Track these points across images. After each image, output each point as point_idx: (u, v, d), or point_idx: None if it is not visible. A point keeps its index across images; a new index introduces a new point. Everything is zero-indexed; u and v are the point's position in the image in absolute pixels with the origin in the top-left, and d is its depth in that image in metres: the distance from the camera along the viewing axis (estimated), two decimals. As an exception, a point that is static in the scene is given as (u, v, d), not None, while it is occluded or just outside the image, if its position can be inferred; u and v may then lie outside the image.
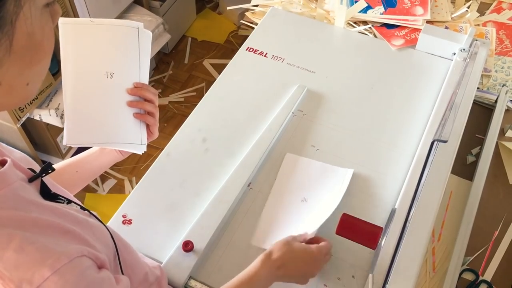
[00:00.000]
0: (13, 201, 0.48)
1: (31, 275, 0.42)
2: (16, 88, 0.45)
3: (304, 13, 1.31)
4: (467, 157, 1.07)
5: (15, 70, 0.43)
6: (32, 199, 0.50)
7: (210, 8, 2.85)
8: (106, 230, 0.59)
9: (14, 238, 0.44)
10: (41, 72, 0.48)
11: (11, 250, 0.43)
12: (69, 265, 0.44)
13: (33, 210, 0.49)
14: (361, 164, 0.96)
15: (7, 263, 0.42)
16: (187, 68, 2.54)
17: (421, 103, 1.06)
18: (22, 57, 0.43)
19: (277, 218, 0.87)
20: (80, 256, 0.47)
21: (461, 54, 1.10)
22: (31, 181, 0.53)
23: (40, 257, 0.43)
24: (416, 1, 1.27)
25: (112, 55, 0.73)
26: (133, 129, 0.78)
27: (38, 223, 0.47)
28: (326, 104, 1.07)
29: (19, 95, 0.46)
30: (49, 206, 0.52)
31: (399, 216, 0.79)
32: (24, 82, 0.45)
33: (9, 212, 0.46)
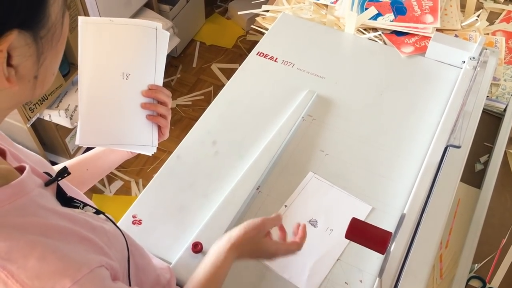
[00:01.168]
0: (33, 208, 0.48)
1: (52, 285, 0.42)
2: (47, 78, 0.47)
3: (314, 19, 1.32)
4: (475, 165, 1.07)
5: (50, 62, 0.46)
6: (50, 206, 0.50)
7: (219, 13, 2.87)
8: (121, 235, 0.59)
9: (37, 245, 0.44)
10: (59, 60, 0.49)
11: (34, 258, 0.43)
12: (89, 276, 0.45)
13: (51, 218, 0.49)
14: (369, 169, 0.96)
15: (30, 272, 0.42)
16: (195, 72, 2.55)
17: (430, 110, 1.06)
18: (57, 50, 0.46)
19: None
20: (99, 267, 0.47)
21: (471, 63, 1.11)
22: (47, 185, 0.53)
23: (62, 267, 0.44)
24: (426, 9, 1.27)
25: (129, 55, 0.73)
26: (145, 131, 0.79)
27: (58, 230, 0.48)
28: (335, 110, 1.07)
29: (46, 86, 0.48)
30: (66, 213, 0.52)
31: (408, 221, 0.79)
32: (52, 72, 0.48)
33: (30, 219, 0.46)
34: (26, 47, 0.42)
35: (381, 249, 0.72)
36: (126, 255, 0.59)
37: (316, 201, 0.91)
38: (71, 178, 0.65)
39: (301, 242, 0.78)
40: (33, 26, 0.41)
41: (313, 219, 0.89)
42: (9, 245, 0.43)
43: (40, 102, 1.74)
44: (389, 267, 0.75)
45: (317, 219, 0.89)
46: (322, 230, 0.87)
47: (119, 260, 0.54)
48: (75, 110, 1.85)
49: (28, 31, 0.41)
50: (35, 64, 0.44)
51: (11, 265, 0.42)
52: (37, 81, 0.46)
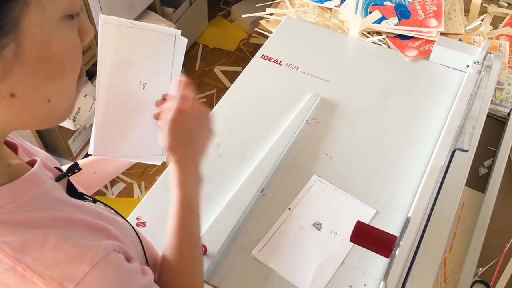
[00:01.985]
0: (47, 201, 0.48)
1: (72, 272, 0.43)
2: (35, 103, 0.42)
3: (318, 22, 1.32)
4: (479, 169, 1.07)
5: (31, 82, 0.41)
6: (63, 198, 0.51)
7: (222, 16, 2.87)
8: (132, 230, 0.59)
9: (49, 236, 0.44)
10: (65, 89, 0.44)
11: (48, 249, 0.43)
12: (106, 259, 0.45)
13: (65, 209, 0.49)
14: (373, 172, 0.96)
15: (46, 262, 0.43)
16: (197, 74, 2.56)
17: (434, 114, 1.06)
18: (37, 68, 0.40)
19: (284, 236, 0.87)
20: (114, 250, 0.47)
21: (475, 67, 1.11)
22: (58, 180, 0.53)
23: (78, 253, 0.44)
24: (430, 13, 1.28)
25: (147, 63, 0.70)
26: (157, 141, 0.76)
27: (71, 221, 0.48)
28: (339, 113, 1.07)
29: (40, 112, 0.44)
30: (79, 204, 0.52)
31: (413, 225, 0.79)
32: (44, 97, 0.43)
33: (44, 213, 0.46)
34: None
35: (386, 253, 0.72)
36: (141, 249, 0.59)
37: (320, 204, 0.91)
38: (78, 181, 0.65)
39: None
40: None
41: (317, 222, 0.89)
42: (22, 239, 0.43)
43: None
44: (394, 271, 0.75)
45: (321, 222, 0.89)
46: (326, 234, 0.87)
47: (132, 251, 0.54)
48: (78, 112, 1.86)
49: None
50: (2, 78, 0.39)
51: (26, 258, 0.42)
52: (18, 101, 0.41)
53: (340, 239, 0.86)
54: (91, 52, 1.88)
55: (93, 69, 1.97)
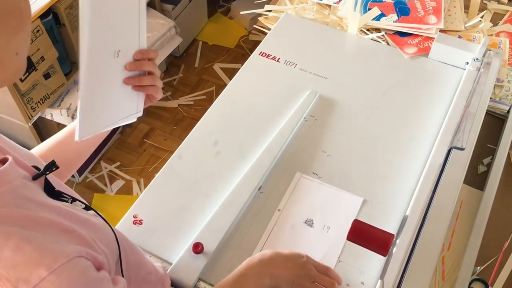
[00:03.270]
0: (12, 198, 0.47)
1: (28, 274, 0.42)
2: (7, 59, 0.44)
3: (317, 19, 1.31)
4: (478, 167, 1.07)
5: (2, 39, 0.42)
6: (33, 197, 0.50)
7: (221, 13, 2.86)
8: (110, 231, 0.58)
9: (12, 236, 0.43)
10: (26, 38, 0.46)
11: (8, 249, 0.43)
12: (66, 265, 0.44)
13: (33, 208, 0.48)
14: (371, 170, 0.96)
15: (4, 262, 0.42)
16: (197, 71, 2.55)
17: (433, 112, 1.06)
18: (6, 24, 0.42)
19: (278, 238, 0.87)
20: (78, 257, 0.46)
21: (474, 64, 1.10)
22: (35, 179, 0.52)
23: (38, 257, 0.43)
24: (429, 10, 1.27)
25: (118, 28, 0.66)
26: (132, 101, 0.74)
27: (37, 221, 0.47)
28: (337, 110, 1.07)
29: (12, 67, 0.45)
30: (50, 204, 0.51)
31: (410, 223, 0.79)
32: (14, 51, 0.44)
33: (8, 209, 0.46)
34: None
35: (383, 252, 0.72)
36: (117, 250, 0.58)
37: (308, 201, 0.91)
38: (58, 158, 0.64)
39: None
40: None
41: (308, 219, 0.89)
42: None
43: (42, 101, 1.74)
44: (391, 269, 0.75)
45: (312, 219, 0.88)
46: (319, 229, 0.87)
47: (106, 254, 0.53)
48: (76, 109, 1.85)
49: None
50: None
51: None
52: None
53: (334, 233, 0.86)
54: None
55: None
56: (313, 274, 0.75)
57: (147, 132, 2.30)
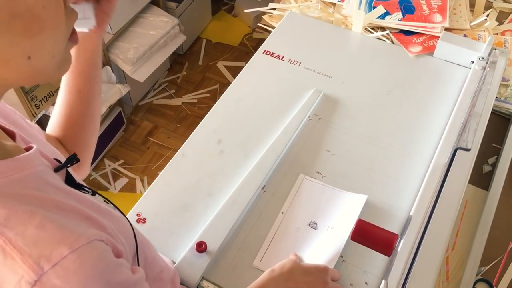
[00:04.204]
0: (36, 182, 0.48)
1: (50, 252, 0.42)
2: (14, 61, 0.43)
3: (321, 17, 1.31)
4: (483, 166, 1.06)
5: (6, 39, 0.41)
6: (56, 183, 0.51)
7: (225, 11, 2.86)
8: (128, 224, 0.59)
9: (35, 215, 0.44)
10: (44, 45, 0.44)
11: (32, 226, 0.43)
12: (87, 246, 0.44)
13: (56, 194, 0.49)
14: (375, 170, 0.95)
15: (27, 239, 0.42)
16: (201, 69, 2.55)
17: (438, 111, 1.05)
18: (11, 25, 0.40)
19: (282, 241, 0.86)
20: (99, 240, 0.47)
21: (480, 63, 1.09)
22: (57, 171, 0.53)
23: (60, 236, 0.44)
24: (435, 8, 1.26)
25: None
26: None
27: (59, 206, 0.48)
28: (342, 109, 1.06)
29: (20, 70, 0.44)
30: (73, 192, 0.52)
31: (414, 223, 0.78)
32: (23, 54, 0.43)
33: (31, 191, 0.46)
34: None
35: (387, 252, 0.71)
36: (134, 245, 0.59)
37: (312, 203, 0.90)
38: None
39: None
40: None
41: (312, 221, 0.88)
42: (7, 213, 0.43)
43: (46, 99, 1.74)
44: (395, 269, 0.74)
45: (316, 221, 0.88)
46: (323, 230, 0.87)
47: (125, 246, 0.54)
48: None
49: None
50: None
51: (9, 232, 0.42)
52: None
53: (338, 232, 0.85)
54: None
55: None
56: (331, 287, 0.76)
57: (150, 130, 2.30)
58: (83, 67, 0.73)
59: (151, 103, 2.41)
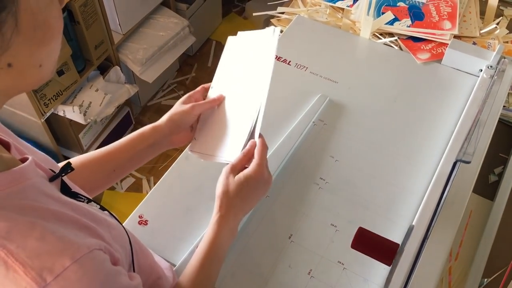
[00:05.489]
0: (33, 194, 0.48)
1: (52, 264, 0.43)
2: (29, 70, 0.45)
3: (329, 22, 1.30)
4: (489, 176, 1.05)
5: (26, 51, 0.43)
6: (52, 194, 0.51)
7: (236, 13, 2.86)
8: (124, 232, 0.59)
9: (35, 226, 0.44)
10: (52, 52, 0.47)
11: (33, 238, 0.43)
12: (88, 256, 0.45)
13: (53, 204, 0.49)
14: (379, 177, 0.95)
15: (29, 251, 0.43)
16: (210, 71, 2.55)
17: (445, 119, 1.04)
18: (32, 36, 0.43)
19: (216, 117, 0.86)
20: (98, 249, 0.47)
21: (488, 71, 1.08)
22: (52, 181, 0.53)
23: (61, 246, 0.44)
24: (444, 15, 1.25)
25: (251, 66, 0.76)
26: (237, 149, 0.80)
27: (58, 216, 0.48)
28: (347, 115, 1.06)
29: (33, 77, 0.46)
30: (68, 202, 0.52)
31: (416, 233, 0.78)
32: (36, 63, 0.45)
33: (30, 203, 0.47)
34: None
35: (387, 261, 0.71)
36: (129, 252, 0.59)
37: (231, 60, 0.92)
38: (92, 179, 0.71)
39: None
40: None
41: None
42: (8, 225, 0.43)
43: (54, 98, 1.75)
44: (396, 278, 0.74)
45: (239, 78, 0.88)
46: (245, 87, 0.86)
47: (121, 254, 0.54)
48: (89, 106, 1.87)
49: None
50: (0, 49, 0.41)
51: (10, 245, 0.42)
52: (13, 70, 0.43)
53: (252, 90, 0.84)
54: (104, 47, 1.89)
55: (105, 63, 1.98)
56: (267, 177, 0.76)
57: (158, 130, 2.31)
58: (141, 152, 0.83)
59: (160, 103, 2.42)
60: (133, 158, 0.82)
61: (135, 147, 0.81)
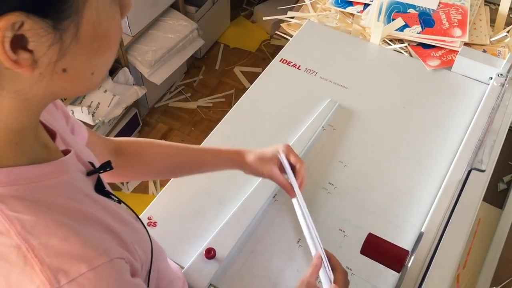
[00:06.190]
0: (68, 190, 0.49)
1: (69, 267, 0.42)
2: (82, 76, 0.46)
3: (339, 27, 1.31)
4: (498, 184, 1.05)
5: (82, 58, 0.44)
6: (87, 192, 0.51)
7: (244, 16, 2.87)
8: (147, 237, 0.59)
9: (62, 225, 0.44)
10: (106, 62, 0.48)
11: (56, 237, 0.43)
12: (107, 265, 0.44)
13: (86, 203, 0.50)
14: (388, 183, 0.95)
15: (50, 250, 0.43)
16: (217, 74, 2.56)
17: (454, 126, 1.04)
18: (89, 46, 0.44)
19: None
20: (119, 258, 0.47)
21: (498, 79, 1.08)
22: (89, 175, 0.54)
23: (82, 251, 0.44)
24: (454, 22, 1.25)
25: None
26: None
27: (87, 216, 0.48)
28: (356, 121, 1.06)
29: (83, 84, 0.47)
30: (101, 200, 0.52)
31: (426, 240, 0.78)
32: (89, 71, 0.46)
33: (62, 200, 0.47)
34: (43, 34, 0.40)
35: (397, 268, 0.71)
36: (150, 258, 0.59)
37: None
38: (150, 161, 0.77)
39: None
40: (49, 15, 0.39)
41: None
42: (35, 220, 0.43)
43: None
44: (405, 285, 0.74)
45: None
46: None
47: (141, 261, 0.54)
48: (97, 107, 1.87)
49: (41, 18, 0.39)
50: (58, 54, 0.42)
51: (33, 240, 0.42)
52: (67, 75, 0.44)
53: None
54: (113, 48, 1.90)
55: (114, 65, 1.99)
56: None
57: (165, 132, 2.32)
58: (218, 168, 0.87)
59: (167, 105, 2.43)
60: (199, 171, 0.88)
61: (210, 166, 0.87)
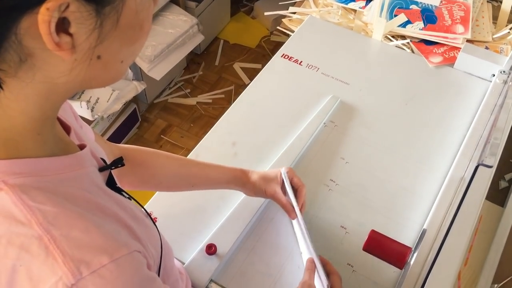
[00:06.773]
0: (86, 183, 0.49)
1: (91, 258, 0.42)
2: (113, 64, 0.46)
3: (341, 23, 1.30)
4: (499, 182, 1.05)
5: (116, 46, 0.44)
6: (100, 184, 0.51)
7: (244, 12, 2.86)
8: (158, 234, 0.59)
9: (83, 218, 0.44)
10: (135, 51, 0.48)
11: (78, 229, 0.43)
12: (128, 257, 0.44)
13: (101, 196, 0.50)
14: (390, 180, 0.94)
15: (72, 241, 0.42)
16: (217, 70, 2.55)
17: (456, 123, 1.04)
18: (125, 34, 0.44)
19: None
20: (138, 251, 0.47)
21: (501, 76, 1.08)
22: (101, 171, 0.54)
23: (103, 243, 0.44)
24: (457, 19, 1.24)
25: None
26: None
27: (105, 211, 0.48)
28: (358, 117, 1.05)
29: (112, 72, 0.47)
30: (113, 195, 0.52)
31: (429, 237, 0.77)
32: (120, 59, 0.46)
33: (81, 192, 0.47)
34: (86, 18, 0.40)
35: (399, 264, 0.70)
36: (159, 255, 0.58)
37: None
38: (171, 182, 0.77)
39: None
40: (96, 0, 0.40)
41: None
42: (57, 212, 0.43)
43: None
44: (407, 282, 0.73)
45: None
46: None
47: (153, 257, 0.54)
48: (96, 102, 1.87)
49: (86, 1, 0.39)
50: (96, 40, 0.42)
51: (55, 231, 0.42)
52: (99, 62, 0.44)
53: None
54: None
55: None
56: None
57: (164, 128, 2.31)
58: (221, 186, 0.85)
59: (166, 101, 2.41)
60: (202, 186, 0.87)
61: (213, 181, 0.86)
